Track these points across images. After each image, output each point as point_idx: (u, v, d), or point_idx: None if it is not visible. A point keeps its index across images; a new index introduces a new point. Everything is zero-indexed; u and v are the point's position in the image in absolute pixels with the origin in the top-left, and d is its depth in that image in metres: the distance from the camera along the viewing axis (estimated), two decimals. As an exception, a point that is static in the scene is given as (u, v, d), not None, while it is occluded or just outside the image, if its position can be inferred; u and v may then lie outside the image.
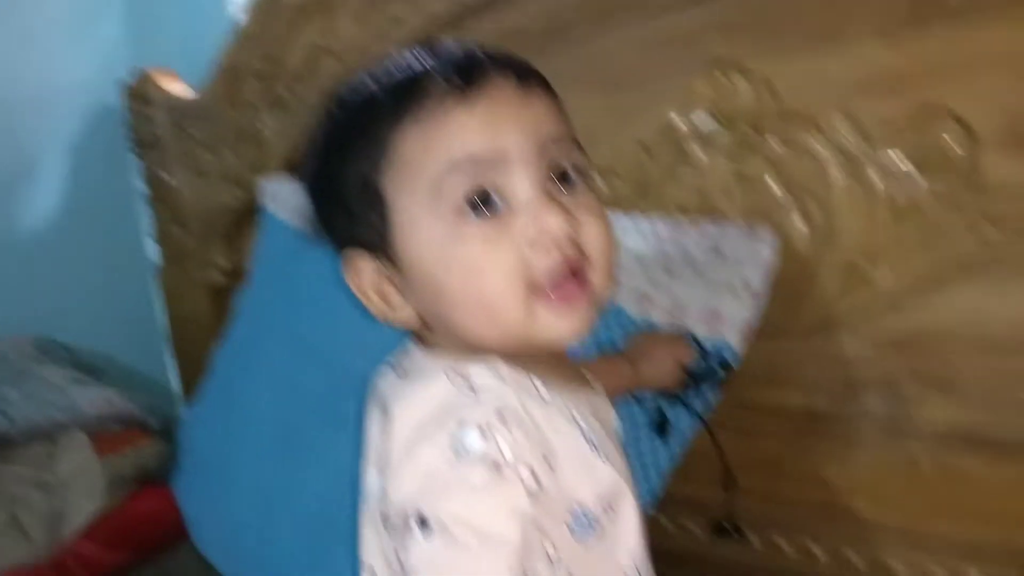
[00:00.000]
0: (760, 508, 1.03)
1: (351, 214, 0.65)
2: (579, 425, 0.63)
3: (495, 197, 0.60)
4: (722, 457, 0.93)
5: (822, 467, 1.02)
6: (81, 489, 1.25)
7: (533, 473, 0.58)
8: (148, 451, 1.34)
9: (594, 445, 0.63)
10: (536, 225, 0.60)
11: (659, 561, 0.68)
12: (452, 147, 0.59)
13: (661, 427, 0.96)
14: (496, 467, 0.57)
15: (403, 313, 0.68)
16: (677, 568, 0.62)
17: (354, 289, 0.69)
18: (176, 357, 1.81)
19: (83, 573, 1.21)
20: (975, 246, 0.90)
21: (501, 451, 0.57)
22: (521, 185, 0.60)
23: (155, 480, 1.34)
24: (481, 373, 0.61)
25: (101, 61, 1.73)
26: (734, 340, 0.96)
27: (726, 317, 0.97)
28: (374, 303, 0.68)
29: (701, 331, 0.97)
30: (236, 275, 1.62)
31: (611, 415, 0.74)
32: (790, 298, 1.01)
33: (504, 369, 0.62)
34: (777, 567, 1.05)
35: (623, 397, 0.91)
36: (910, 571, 0.97)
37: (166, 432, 1.45)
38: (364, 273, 0.67)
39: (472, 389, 0.60)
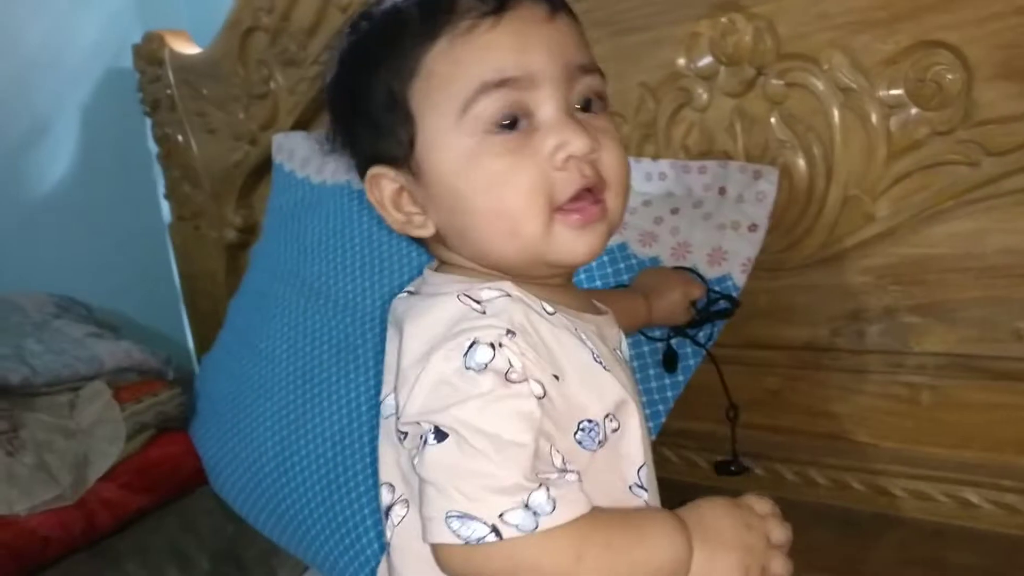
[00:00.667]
0: (763, 438, 1.06)
1: (376, 127, 0.66)
2: (586, 345, 0.65)
3: (521, 116, 0.62)
4: (726, 391, 0.95)
5: (823, 398, 1.05)
6: (103, 435, 1.28)
7: (541, 385, 0.60)
8: (166, 398, 1.37)
9: (601, 363, 0.65)
10: (559, 145, 0.62)
11: (664, 492, 0.70)
12: (483, 67, 0.61)
13: (670, 362, 0.98)
14: (506, 377, 0.59)
15: (422, 227, 0.68)
16: (682, 499, 0.65)
17: (374, 203, 0.69)
18: (190, 313, 1.84)
19: (106, 514, 1.24)
20: (972, 177, 0.92)
21: (511, 363, 0.59)
22: (547, 106, 0.62)
23: (173, 427, 1.38)
24: (491, 293, 0.63)
25: (112, 23, 1.75)
26: (737, 276, 0.98)
27: (729, 254, 0.99)
28: (393, 217, 0.69)
29: (705, 268, 0.99)
30: (249, 232, 1.65)
31: (619, 337, 0.76)
32: (791, 233, 1.03)
33: (514, 290, 0.63)
34: (779, 494, 1.07)
35: (633, 333, 0.94)
36: (908, 495, 1.00)
37: (184, 383, 1.48)
38: (385, 187, 0.68)
39: (481, 307, 0.62)
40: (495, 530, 0.56)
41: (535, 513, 0.57)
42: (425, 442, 0.59)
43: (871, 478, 1.02)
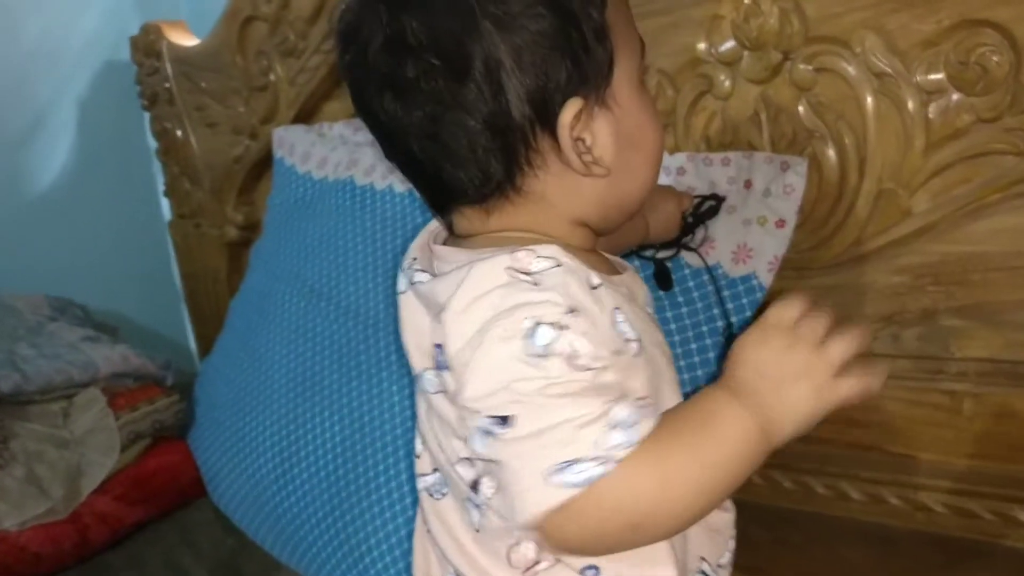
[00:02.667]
0: (791, 449, 0.98)
1: (587, 50, 0.64)
2: (626, 314, 0.65)
3: None
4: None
5: (857, 407, 0.97)
6: (97, 445, 1.23)
7: (603, 364, 0.60)
8: (163, 406, 1.31)
9: (638, 331, 0.65)
10: None
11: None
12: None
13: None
14: (571, 362, 0.59)
15: (598, 168, 0.66)
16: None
17: (567, 137, 0.64)
18: (192, 314, 1.79)
19: (101, 528, 1.19)
20: (1020, 168, 0.85)
21: (574, 347, 0.59)
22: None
23: (171, 435, 1.32)
24: (543, 263, 0.62)
25: (110, 15, 1.70)
26: (763, 274, 0.92)
27: (755, 251, 0.93)
28: (572, 158, 0.65)
29: (729, 266, 0.93)
30: (251, 229, 1.60)
31: (645, 292, 0.77)
32: (822, 229, 0.97)
33: (564, 256, 0.63)
34: (810, 508, 1.01)
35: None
36: (950, 511, 0.93)
37: (183, 387, 1.42)
38: (571, 121, 0.64)
39: (532, 279, 0.61)
40: (602, 460, 0.57)
41: (628, 426, 0.58)
42: (492, 430, 0.59)
43: (909, 492, 0.95)
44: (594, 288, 0.63)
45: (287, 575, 1.17)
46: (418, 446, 0.79)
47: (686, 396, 0.69)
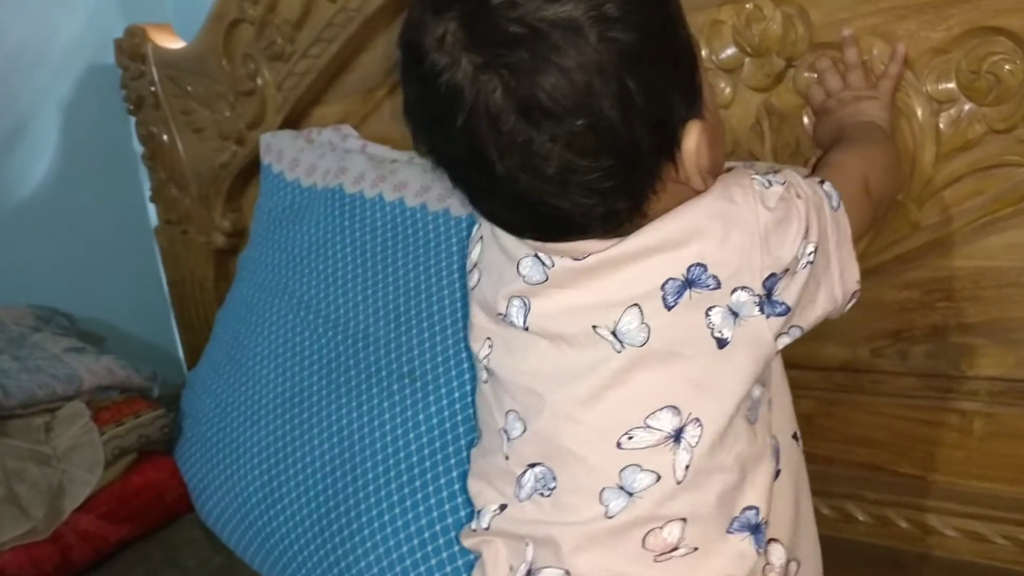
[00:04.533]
0: (796, 469, 0.96)
1: (692, 70, 0.66)
2: None
3: None
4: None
5: (863, 425, 0.95)
6: (81, 462, 1.19)
7: None
8: (148, 420, 1.27)
9: None
10: None
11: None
12: None
13: None
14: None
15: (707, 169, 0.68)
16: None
17: (693, 163, 0.66)
18: (179, 322, 1.75)
19: (84, 548, 1.16)
20: (1035, 181, 0.82)
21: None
22: None
23: (157, 450, 1.28)
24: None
25: (94, 17, 1.65)
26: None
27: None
28: (694, 176, 0.67)
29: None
30: (239, 236, 1.56)
31: None
32: (827, 243, 0.94)
33: None
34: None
35: None
36: (961, 535, 0.90)
37: (170, 399, 1.39)
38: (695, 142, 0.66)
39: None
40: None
41: None
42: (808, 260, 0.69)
43: (917, 515, 0.92)
44: None
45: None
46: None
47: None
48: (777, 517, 0.72)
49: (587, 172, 0.62)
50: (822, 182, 0.72)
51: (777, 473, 0.73)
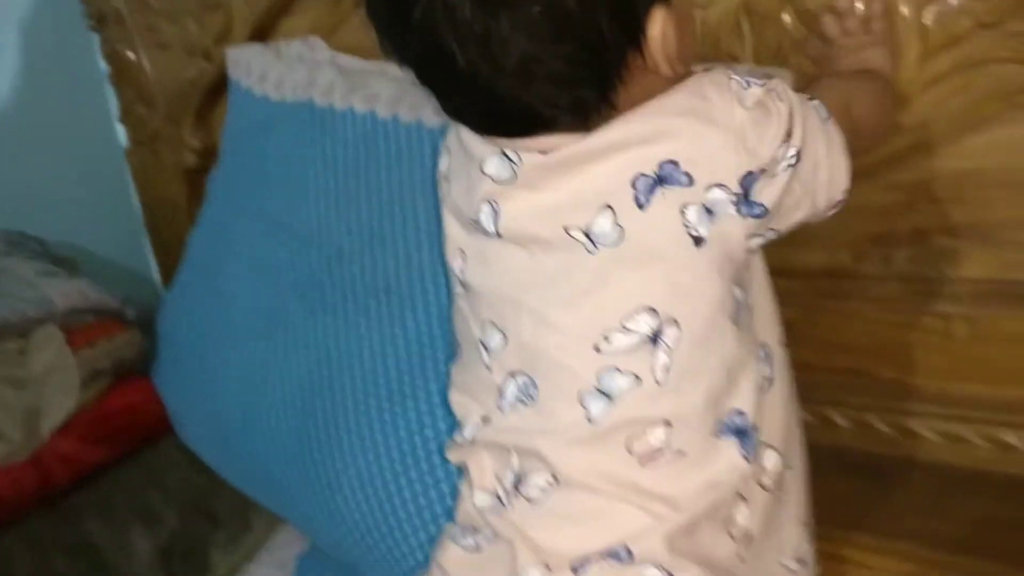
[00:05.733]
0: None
1: None
2: None
3: None
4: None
5: (845, 331, 0.95)
6: (56, 385, 1.18)
7: None
8: (123, 342, 1.26)
9: None
10: None
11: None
12: None
13: None
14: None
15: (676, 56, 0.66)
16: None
17: (659, 51, 0.65)
18: (153, 244, 1.73)
19: (63, 471, 1.15)
20: (1022, 77, 0.80)
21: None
22: None
23: (133, 372, 1.27)
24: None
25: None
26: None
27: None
28: (661, 62, 0.66)
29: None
30: (209, 155, 1.52)
31: None
32: (809, 146, 0.92)
33: None
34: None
35: None
36: (940, 437, 0.91)
37: (145, 323, 1.37)
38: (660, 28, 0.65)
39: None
40: None
41: None
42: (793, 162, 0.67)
43: (898, 419, 0.92)
44: None
45: (260, 511, 1.15)
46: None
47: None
48: (772, 423, 0.72)
49: (548, 61, 0.62)
50: (811, 98, 0.71)
51: (771, 380, 0.72)
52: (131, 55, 1.54)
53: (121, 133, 1.67)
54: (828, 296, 0.95)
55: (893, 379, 0.93)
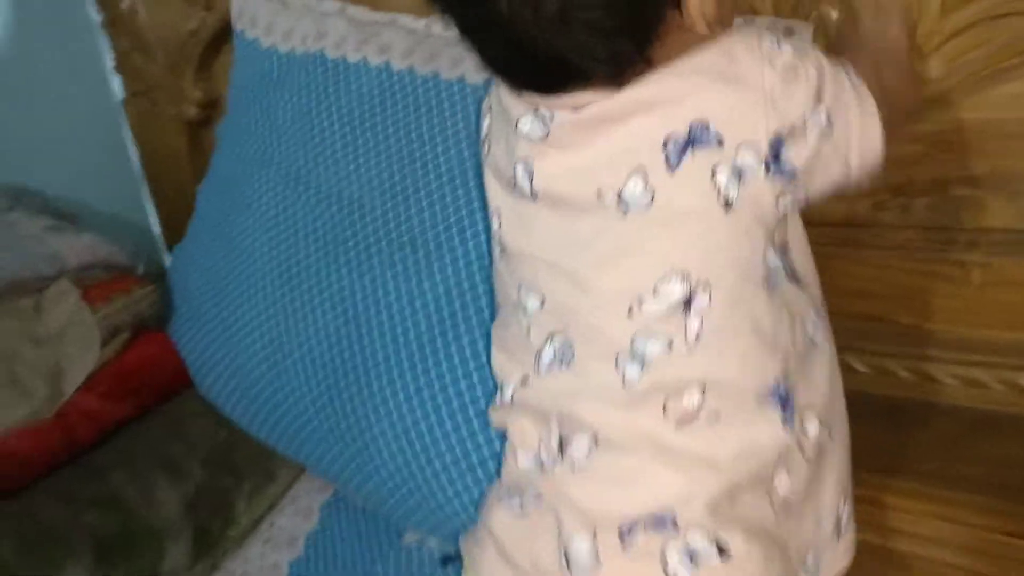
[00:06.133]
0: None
1: None
2: None
3: None
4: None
5: (864, 278, 0.97)
6: (76, 341, 1.18)
7: None
8: (140, 296, 1.26)
9: None
10: None
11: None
12: None
13: None
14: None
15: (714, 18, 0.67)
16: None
17: (696, 9, 0.65)
18: (154, 196, 1.71)
19: (88, 428, 1.16)
20: (1043, 30, 0.81)
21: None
22: None
23: (150, 327, 1.27)
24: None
25: None
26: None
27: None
28: (699, 21, 0.66)
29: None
30: (211, 106, 1.51)
31: None
32: (830, 98, 0.93)
33: None
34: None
35: None
36: (958, 381, 0.93)
37: (155, 276, 1.37)
38: None
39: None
40: None
41: None
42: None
43: (916, 364, 0.95)
44: None
45: (283, 461, 1.17)
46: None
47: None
48: (814, 387, 0.73)
49: (588, 8, 0.62)
50: (840, 62, 0.71)
51: (814, 346, 0.74)
52: (125, 4, 1.52)
53: (116, 83, 1.65)
54: (847, 244, 0.97)
55: (912, 325, 0.95)
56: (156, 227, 1.75)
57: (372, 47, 1.13)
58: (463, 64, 1.04)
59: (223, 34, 1.41)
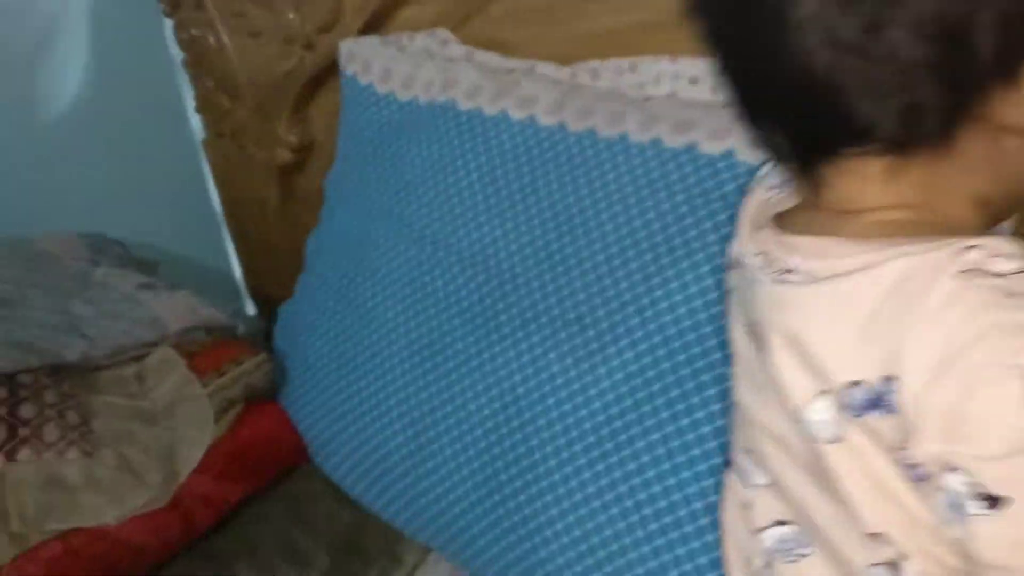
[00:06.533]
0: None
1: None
2: None
3: None
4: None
5: None
6: (188, 419, 1.09)
7: None
8: (252, 366, 1.16)
9: None
10: None
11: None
12: None
13: None
14: None
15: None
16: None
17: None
18: (237, 245, 1.63)
19: (206, 511, 1.07)
20: None
21: None
22: None
23: (260, 397, 1.18)
24: (1010, 264, 0.49)
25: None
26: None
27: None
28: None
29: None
30: (305, 150, 1.42)
31: None
32: None
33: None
34: None
35: None
36: None
37: (258, 339, 1.29)
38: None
39: (1007, 283, 0.48)
40: None
41: None
42: (965, 506, 0.48)
43: None
44: None
45: (409, 544, 1.08)
46: (752, 480, 0.68)
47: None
48: None
49: (893, 34, 0.48)
50: None
51: None
52: (212, 41, 1.42)
53: (197, 125, 1.56)
54: None
55: None
56: (236, 274, 1.66)
57: (512, 99, 1.04)
58: (623, 121, 0.95)
59: (321, 77, 1.32)
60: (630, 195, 0.91)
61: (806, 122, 0.55)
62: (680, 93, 0.98)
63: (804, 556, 0.61)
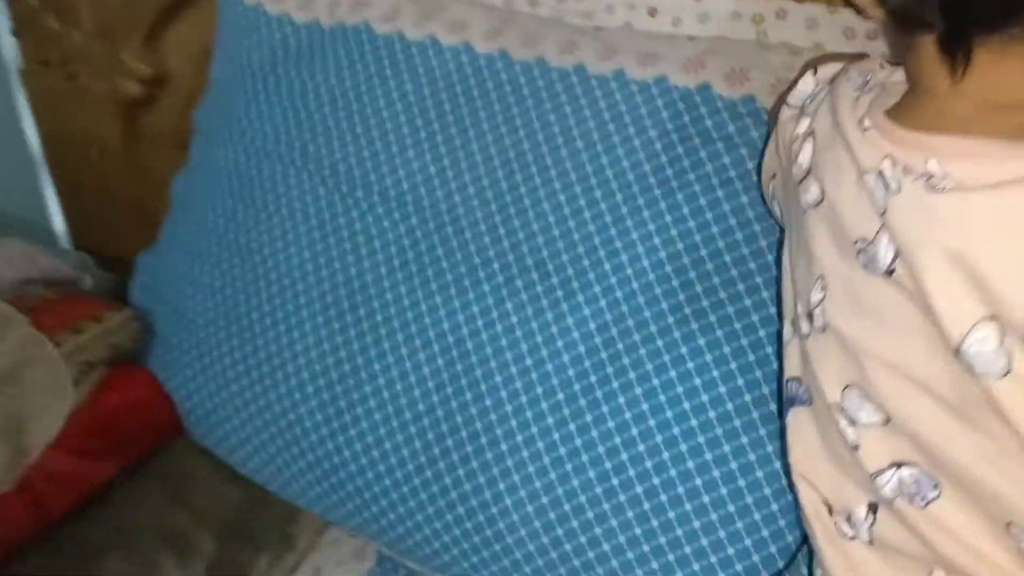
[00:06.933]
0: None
1: None
2: None
3: None
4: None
5: None
6: (39, 385, 0.90)
7: None
8: (116, 324, 0.98)
9: None
10: None
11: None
12: None
13: None
14: None
15: None
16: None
17: None
18: (60, 189, 1.40)
19: (61, 494, 0.90)
20: None
21: None
22: None
23: (123, 360, 1.00)
24: None
25: None
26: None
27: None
28: None
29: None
30: (159, 84, 1.24)
31: None
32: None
33: None
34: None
35: None
36: None
37: (110, 293, 1.10)
38: None
39: None
40: None
41: None
42: None
43: None
44: None
45: (303, 524, 0.97)
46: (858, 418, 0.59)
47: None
48: None
49: None
50: None
51: None
52: (38, -49, 1.22)
53: (12, 51, 1.33)
54: None
55: None
56: (56, 223, 1.43)
57: (439, 23, 0.93)
58: (577, 50, 0.87)
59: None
60: (593, 130, 0.83)
61: None
62: (636, 24, 0.90)
63: (934, 499, 0.55)
